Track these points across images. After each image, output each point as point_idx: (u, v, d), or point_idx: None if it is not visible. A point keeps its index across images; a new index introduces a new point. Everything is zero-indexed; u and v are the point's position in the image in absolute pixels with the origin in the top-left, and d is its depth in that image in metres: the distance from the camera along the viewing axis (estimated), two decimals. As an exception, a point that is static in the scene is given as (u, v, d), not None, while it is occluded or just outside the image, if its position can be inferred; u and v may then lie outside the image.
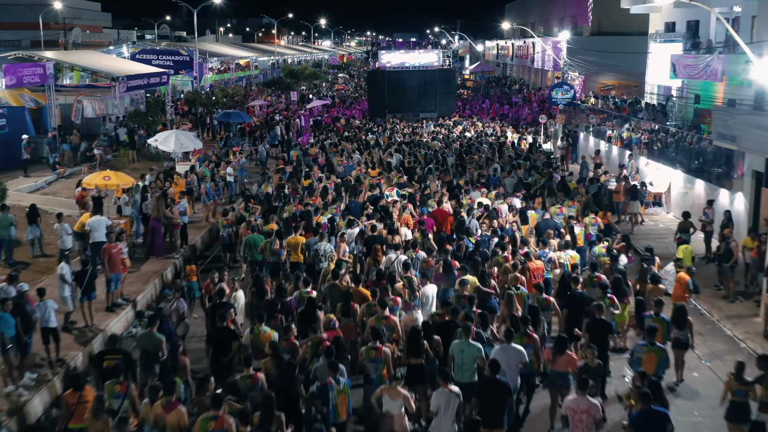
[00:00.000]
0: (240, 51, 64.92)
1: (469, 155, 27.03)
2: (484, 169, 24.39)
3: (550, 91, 32.58)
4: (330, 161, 26.43)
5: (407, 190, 20.59)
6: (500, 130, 35.83)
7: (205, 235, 20.17)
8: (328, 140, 31.06)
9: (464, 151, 27.94)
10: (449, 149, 27.34)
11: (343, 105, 53.26)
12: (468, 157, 26.78)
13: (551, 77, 51.64)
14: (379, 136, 31.45)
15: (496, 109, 46.25)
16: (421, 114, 38.10)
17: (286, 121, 37.83)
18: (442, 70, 38.22)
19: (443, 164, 24.87)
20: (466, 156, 26.92)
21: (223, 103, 37.13)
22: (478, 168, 24.12)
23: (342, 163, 25.53)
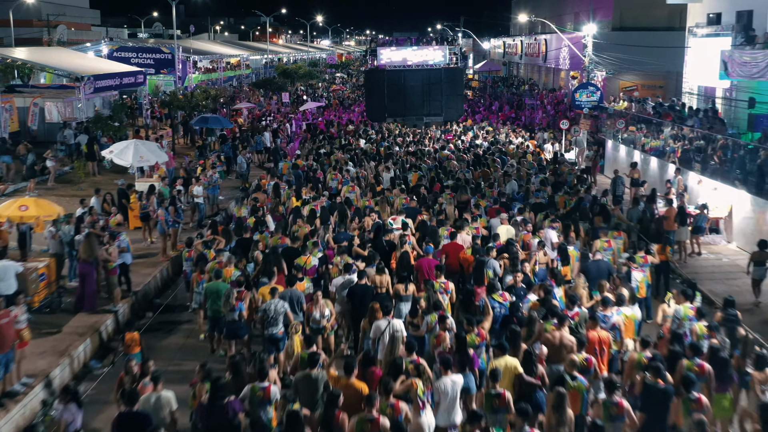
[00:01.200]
0: (230, 49, 60.85)
1: (481, 168, 23.11)
2: (501, 186, 20.46)
3: (573, 93, 28.60)
4: (324, 175, 22.57)
5: (420, 217, 16.72)
6: (513, 135, 31.87)
7: (162, 274, 16.21)
8: (322, 149, 27.08)
9: (474, 162, 24.02)
10: (461, 162, 23.33)
11: (340, 107, 49.29)
12: (480, 170, 22.84)
13: (565, 77, 47.71)
14: (374, 142, 27.45)
15: (506, 112, 42.30)
16: (425, 118, 34.12)
17: (274, 125, 33.85)
18: (449, 70, 34.23)
19: (455, 180, 20.92)
20: (477, 169, 22.99)
21: (204, 105, 33.15)
22: (491, 184, 20.13)
23: (336, 178, 21.61)
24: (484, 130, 32.70)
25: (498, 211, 16.88)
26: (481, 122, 35.91)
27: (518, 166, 23.29)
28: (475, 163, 23.70)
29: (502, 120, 39.74)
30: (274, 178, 21.48)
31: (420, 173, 21.80)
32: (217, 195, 21.10)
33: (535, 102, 39.45)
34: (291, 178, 21.63)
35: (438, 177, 21.37)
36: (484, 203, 18.13)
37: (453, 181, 20.64)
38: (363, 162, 23.71)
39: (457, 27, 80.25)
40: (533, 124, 37.94)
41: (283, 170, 23.64)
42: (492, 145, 26.96)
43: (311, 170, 23.18)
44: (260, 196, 19.56)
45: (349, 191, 19.88)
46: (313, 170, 23.24)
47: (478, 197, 18.69)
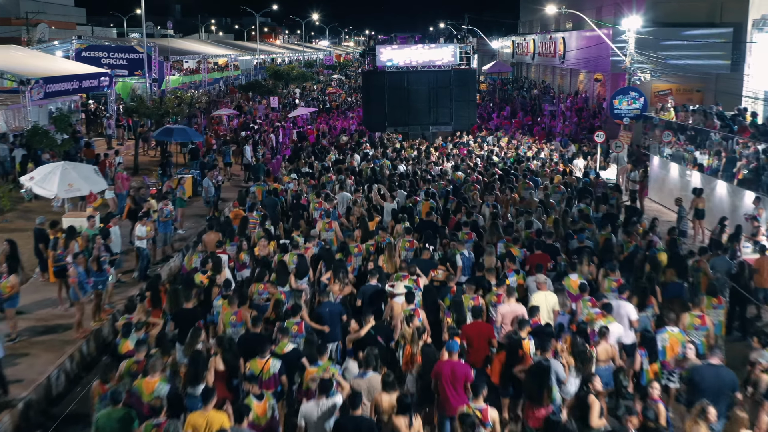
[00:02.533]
0: (216, 48, 56.08)
1: (503, 191, 18.54)
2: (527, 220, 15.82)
3: (612, 100, 23.94)
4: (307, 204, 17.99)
5: (437, 275, 12.20)
6: (535, 148, 27.26)
7: (72, 361, 11.56)
8: (307, 166, 22.41)
9: (489, 183, 19.49)
10: (488, 192, 18.62)
11: (336, 111, 44.62)
12: (502, 195, 18.24)
13: (584, 79, 43.03)
14: (371, 159, 22.83)
15: (521, 119, 37.66)
16: (431, 127, 29.40)
17: (256, 136, 29.18)
18: (459, 71, 29.49)
19: (471, 211, 16.28)
20: (500, 193, 18.39)
21: (176, 113, 28.51)
22: (529, 223, 15.42)
23: (320, 207, 17.04)
24: (500, 141, 28.03)
25: (539, 266, 12.25)
26: (496, 131, 31.24)
27: (552, 192, 18.68)
28: (492, 187, 19.06)
29: (516, 128, 35.13)
30: (253, 208, 16.91)
31: (431, 203, 17.13)
32: (170, 234, 16.44)
33: (556, 108, 34.75)
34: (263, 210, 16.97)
35: (454, 208, 16.73)
36: (517, 251, 13.53)
37: (472, 213, 16.00)
38: (360, 185, 19.06)
39: (461, 25, 75.68)
40: (553, 134, 33.30)
41: (257, 195, 19.04)
42: (517, 162, 22.31)
43: (295, 197, 18.53)
44: (212, 236, 14.95)
45: (325, 229, 15.28)
46: (298, 197, 18.63)
47: (508, 240, 14.06)
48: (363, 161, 22.68)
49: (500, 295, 11.17)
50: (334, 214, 16.37)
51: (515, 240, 13.96)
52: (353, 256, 13.68)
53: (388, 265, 13.44)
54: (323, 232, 15.38)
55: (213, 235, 14.92)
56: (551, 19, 53.02)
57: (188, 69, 49.99)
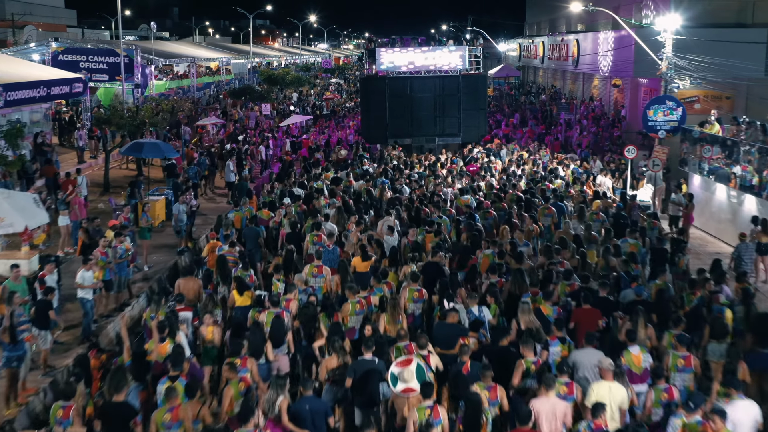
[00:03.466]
0: (207, 51, 53.13)
1: (524, 218, 15.68)
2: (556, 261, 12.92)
3: (646, 110, 21.03)
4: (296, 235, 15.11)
5: (467, 345, 9.37)
6: (555, 162, 24.37)
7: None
8: (299, 185, 19.49)
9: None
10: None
11: (334, 118, 41.74)
12: (524, 227, 15.36)
13: (599, 84, 40.17)
14: (371, 178, 19.93)
15: (533, 128, 34.75)
16: (437, 139, 26.50)
17: (244, 147, 26.27)
18: (469, 77, 26.57)
19: (500, 253, 13.33)
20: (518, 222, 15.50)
21: (154, 123, 25.63)
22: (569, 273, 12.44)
23: (319, 242, 14.17)
24: (514, 154, 25.06)
25: (591, 337, 9.37)
26: (509, 143, 28.30)
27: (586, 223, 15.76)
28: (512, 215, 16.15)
29: (529, 138, 32.22)
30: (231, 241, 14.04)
31: (438, 238, 14.24)
32: (125, 278, 13.51)
33: (572, 116, 31.85)
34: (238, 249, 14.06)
35: (472, 244, 13.81)
36: (548, 309, 10.65)
37: (496, 255, 13.08)
38: (359, 213, 16.16)
39: (465, 27, 72.96)
40: (571, 145, 30.41)
41: (234, 223, 16.18)
42: (537, 182, 19.38)
43: (275, 229, 15.62)
44: (191, 283, 12.10)
45: (312, 274, 12.39)
46: (277, 229, 15.69)
47: (534, 294, 11.18)
48: (361, 180, 19.74)
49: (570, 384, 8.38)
50: (330, 254, 13.50)
51: (547, 294, 11.02)
52: (350, 316, 10.77)
53: (391, 327, 10.56)
54: (310, 277, 12.49)
55: (191, 282, 12.07)
56: (562, 20, 50.17)
57: (175, 74, 47.07)
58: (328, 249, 13.66)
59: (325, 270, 12.57)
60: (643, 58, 29.64)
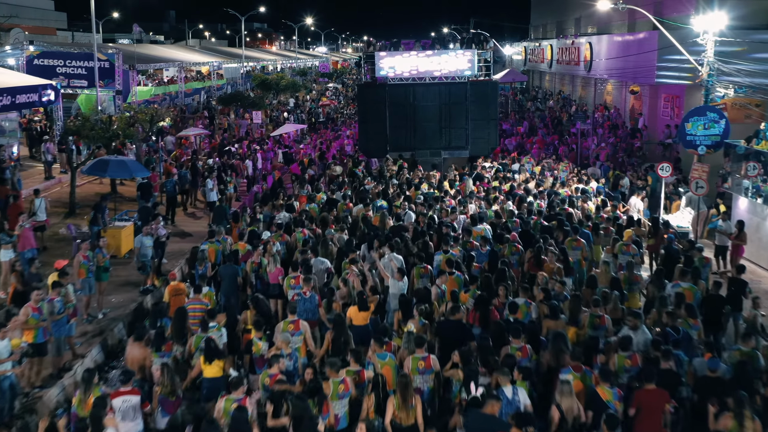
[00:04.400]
0: (197, 55, 50.49)
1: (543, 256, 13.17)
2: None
3: (684, 123, 18.47)
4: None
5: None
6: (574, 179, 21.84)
7: None
8: (286, 208, 16.91)
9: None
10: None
11: (330, 127, 39.21)
12: (548, 264, 12.83)
13: (612, 90, 37.61)
14: (370, 201, 17.31)
15: (544, 138, 32.20)
16: (443, 152, 23.93)
17: (226, 164, 23.69)
18: (478, 84, 24.00)
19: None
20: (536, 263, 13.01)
21: (129, 134, 23.12)
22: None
23: (296, 286, 11.71)
24: (526, 168, 22.47)
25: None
26: (519, 155, 25.74)
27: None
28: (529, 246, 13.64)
29: (540, 148, 29.70)
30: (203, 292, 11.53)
31: (457, 277, 11.72)
32: (66, 336, 10.91)
33: (589, 126, 29.28)
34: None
35: (491, 290, 11.28)
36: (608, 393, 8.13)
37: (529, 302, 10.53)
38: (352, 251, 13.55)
39: (467, 30, 70.48)
40: (587, 158, 27.85)
41: (209, 256, 13.68)
42: (563, 205, 16.82)
43: (253, 272, 13.06)
44: (139, 352, 9.56)
45: (288, 332, 9.89)
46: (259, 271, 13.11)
47: (576, 370, 8.66)
48: (360, 204, 17.12)
49: None
50: (307, 303, 10.99)
51: (605, 374, 8.45)
52: (331, 402, 8.19)
53: (403, 414, 8.02)
54: (281, 336, 9.96)
55: (138, 349, 9.54)
56: (570, 22, 47.70)
57: (161, 79, 44.55)
58: (305, 297, 11.12)
59: (302, 325, 10.03)
60: (668, 62, 27.25)
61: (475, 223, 14.61)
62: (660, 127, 30.82)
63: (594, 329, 10.15)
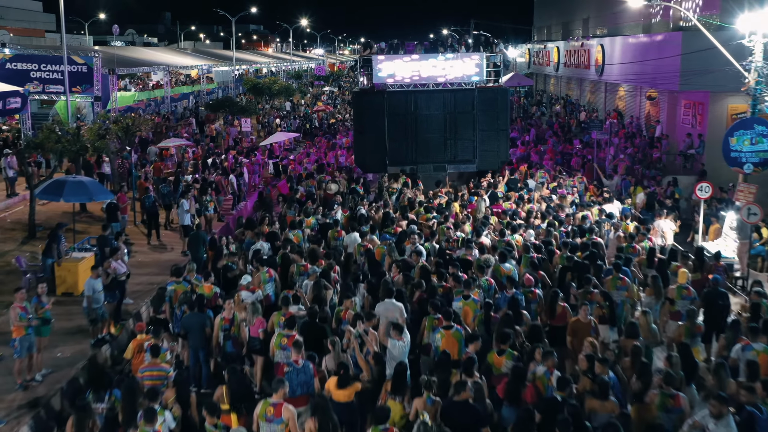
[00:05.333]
0: (185, 58, 48.07)
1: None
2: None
3: (727, 137, 16.18)
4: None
5: None
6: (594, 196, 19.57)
7: None
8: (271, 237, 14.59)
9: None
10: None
11: (325, 135, 36.86)
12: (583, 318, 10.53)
13: (625, 95, 35.31)
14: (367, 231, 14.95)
15: (554, 148, 29.91)
16: (448, 166, 21.60)
17: (212, 178, 21.32)
18: (487, 91, 21.65)
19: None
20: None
21: (100, 147, 20.78)
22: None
23: (286, 348, 9.48)
24: (544, 186, 20.13)
25: None
26: (529, 168, 23.41)
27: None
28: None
29: (550, 159, 27.38)
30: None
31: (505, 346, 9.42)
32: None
33: (607, 136, 26.94)
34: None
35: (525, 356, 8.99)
36: None
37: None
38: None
39: (467, 31, 68.21)
40: (603, 171, 25.50)
41: (173, 299, 11.40)
42: (590, 232, 14.51)
43: (224, 330, 10.72)
44: None
45: (266, 416, 7.61)
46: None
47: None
48: (354, 233, 14.74)
49: None
50: (301, 376, 8.69)
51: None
52: None
53: None
54: (262, 422, 7.67)
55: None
56: (577, 23, 45.51)
57: (144, 84, 42.18)
58: (297, 368, 8.78)
59: (286, 412, 7.72)
60: (693, 66, 25.00)
61: (504, 260, 12.24)
62: (680, 136, 28.56)
63: (666, 412, 7.85)
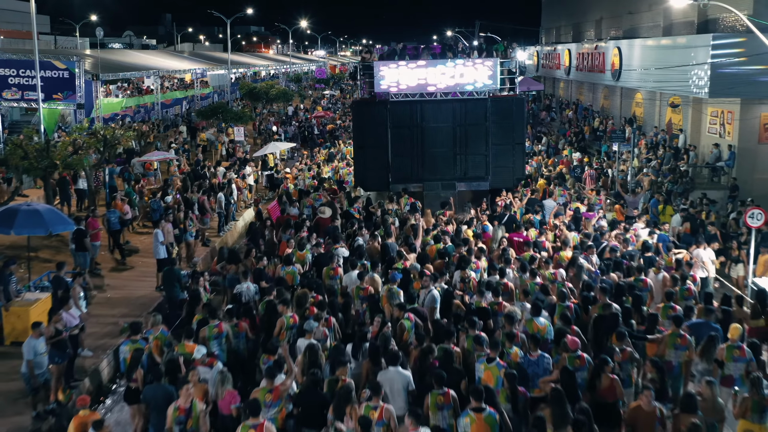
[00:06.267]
0: (178, 61, 45.92)
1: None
2: None
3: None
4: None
5: None
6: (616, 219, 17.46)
7: None
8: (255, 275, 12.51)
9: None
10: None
11: (325, 143, 34.81)
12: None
13: (644, 101, 33.13)
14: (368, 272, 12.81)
15: (569, 159, 27.80)
16: (458, 184, 19.45)
17: (197, 197, 19.20)
18: (501, 101, 19.47)
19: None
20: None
21: (71, 164, 18.74)
22: None
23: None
24: (564, 205, 17.99)
25: None
26: (550, 186, 21.27)
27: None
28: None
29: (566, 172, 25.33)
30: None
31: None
32: None
33: (628, 147, 24.77)
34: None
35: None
36: None
37: None
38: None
39: (471, 33, 66.23)
40: (624, 187, 23.34)
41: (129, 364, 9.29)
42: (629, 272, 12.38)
43: (181, 422, 8.57)
44: None
45: None
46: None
47: None
48: (354, 272, 12.54)
49: None
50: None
51: None
52: None
53: None
54: None
55: None
56: (589, 24, 43.34)
57: (132, 89, 40.07)
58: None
59: None
60: (724, 71, 22.90)
61: (538, 313, 10.10)
62: (705, 146, 26.46)
63: None
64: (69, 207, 21.21)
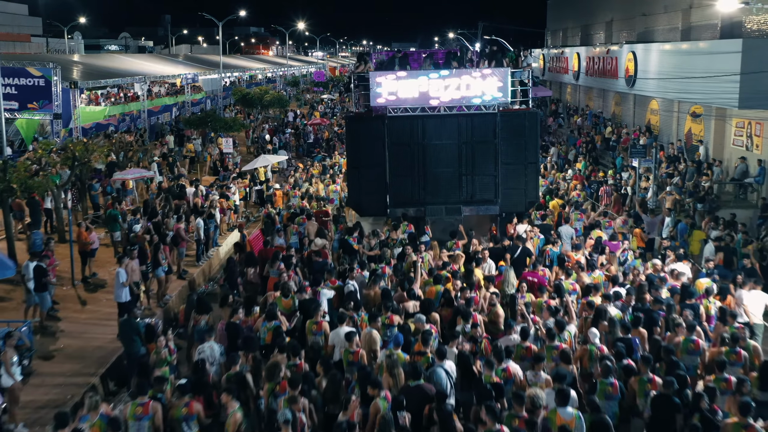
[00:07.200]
0: (168, 66, 43.83)
1: None
2: None
3: None
4: None
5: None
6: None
7: None
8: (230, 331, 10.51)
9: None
10: None
11: (320, 153, 32.79)
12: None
13: (659, 110, 31.07)
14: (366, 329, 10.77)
15: (583, 173, 25.75)
16: (464, 208, 17.42)
17: (177, 228, 17.16)
18: (511, 115, 17.42)
19: None
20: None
21: (34, 186, 16.72)
22: None
23: None
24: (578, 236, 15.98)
25: None
26: (566, 208, 19.25)
27: None
28: None
29: (582, 190, 23.33)
30: None
31: None
32: None
33: (648, 162, 22.71)
34: None
35: None
36: None
37: None
38: None
39: (474, 35, 64.27)
40: (644, 207, 21.29)
41: None
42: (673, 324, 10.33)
43: None
44: None
45: None
46: None
47: None
48: (347, 327, 10.48)
49: None
50: None
51: None
52: None
53: None
54: None
55: None
56: (599, 26, 41.27)
57: (116, 96, 38.02)
58: None
59: None
60: (756, 80, 20.86)
61: (565, 401, 8.01)
62: (730, 160, 24.43)
63: None
64: (44, 228, 19.35)
